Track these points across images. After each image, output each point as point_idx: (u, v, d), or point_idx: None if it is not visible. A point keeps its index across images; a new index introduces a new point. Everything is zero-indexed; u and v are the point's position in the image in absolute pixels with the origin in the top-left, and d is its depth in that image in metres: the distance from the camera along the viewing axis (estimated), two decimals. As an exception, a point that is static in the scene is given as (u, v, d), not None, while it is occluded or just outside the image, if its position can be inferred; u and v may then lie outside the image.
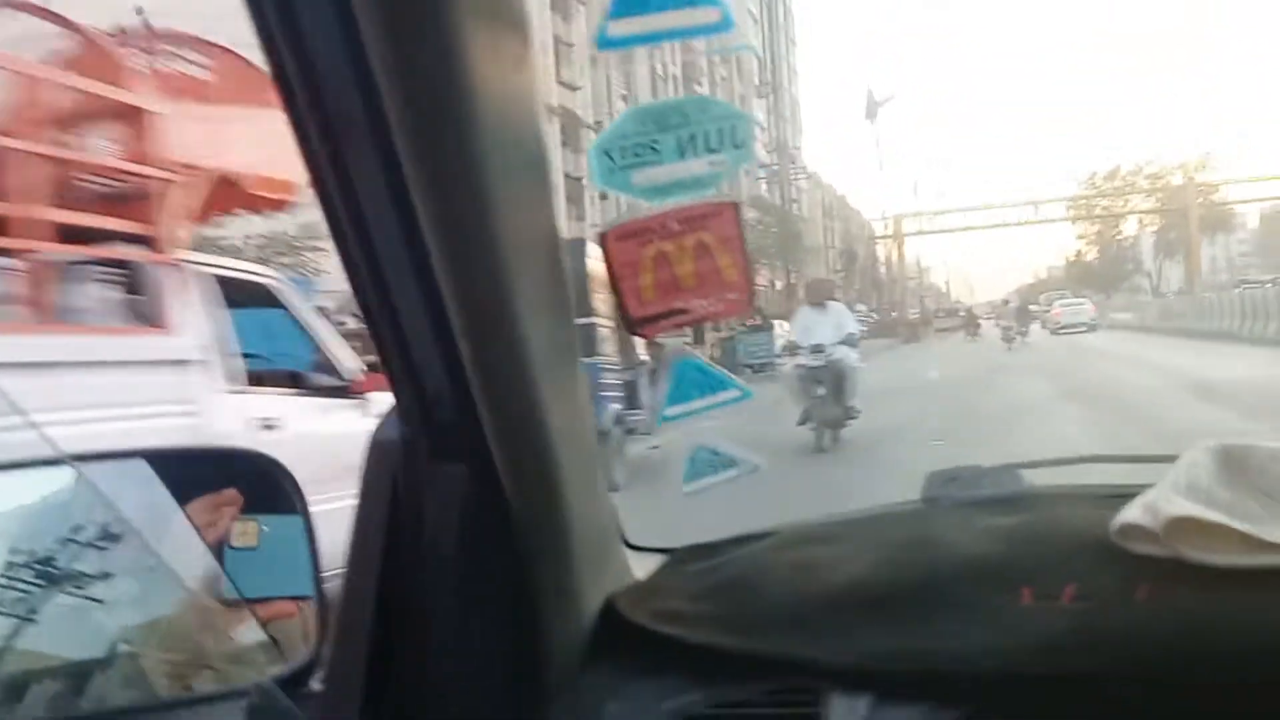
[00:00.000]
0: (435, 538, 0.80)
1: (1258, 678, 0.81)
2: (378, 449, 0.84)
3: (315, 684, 0.91)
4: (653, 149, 0.78)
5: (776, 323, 24.66)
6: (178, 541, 1.00)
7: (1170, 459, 1.00)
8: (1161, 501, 0.92)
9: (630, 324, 0.84)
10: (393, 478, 0.83)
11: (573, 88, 31.65)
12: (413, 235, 0.69)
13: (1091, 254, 67.51)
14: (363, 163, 0.69)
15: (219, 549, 1.01)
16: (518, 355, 0.74)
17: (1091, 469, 1.23)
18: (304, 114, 0.68)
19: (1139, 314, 39.21)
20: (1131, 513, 0.95)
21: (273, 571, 1.02)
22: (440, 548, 0.79)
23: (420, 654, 0.81)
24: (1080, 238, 66.86)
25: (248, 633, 1.00)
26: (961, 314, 47.29)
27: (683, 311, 0.83)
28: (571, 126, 29.73)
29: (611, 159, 0.78)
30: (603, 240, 0.80)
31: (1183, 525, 0.90)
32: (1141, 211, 60.68)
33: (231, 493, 0.99)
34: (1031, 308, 41.26)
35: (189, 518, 1.00)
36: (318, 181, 0.71)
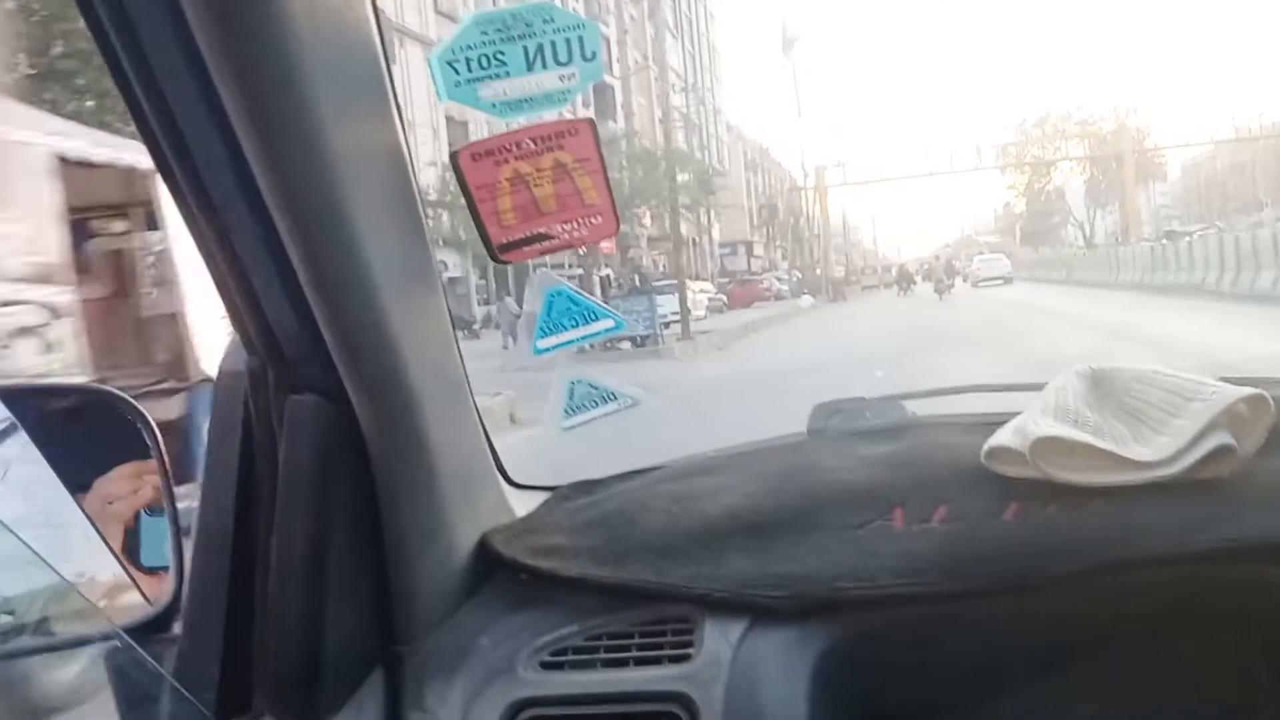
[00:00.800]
0: (289, 473, 0.77)
1: (1115, 589, 0.83)
2: (225, 381, 0.80)
3: (176, 628, 0.88)
4: (499, 60, 0.74)
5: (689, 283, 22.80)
6: (34, 479, 0.96)
7: (1043, 387, 1.02)
8: (1029, 424, 0.94)
9: (493, 251, 0.81)
10: (244, 410, 0.79)
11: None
12: (238, 160, 0.64)
13: (1020, 205, 66.19)
14: (180, 91, 0.64)
15: (135, 516, 0.97)
16: (361, 278, 0.71)
17: (973, 400, 1.25)
18: (121, 54, 0.64)
19: (1067, 268, 38.63)
20: (1001, 436, 0.97)
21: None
22: (295, 483, 0.77)
23: (280, 594, 0.78)
24: (1010, 188, 65.22)
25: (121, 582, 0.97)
26: (892, 271, 47.69)
27: (546, 237, 0.80)
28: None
29: (455, 70, 0.74)
30: (455, 159, 0.77)
31: (1049, 446, 0.92)
32: (1074, 159, 58.76)
33: (154, 463, 0.95)
34: (954, 263, 41.94)
35: (109, 485, 0.96)
36: (139, 118, 0.67)
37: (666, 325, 18.11)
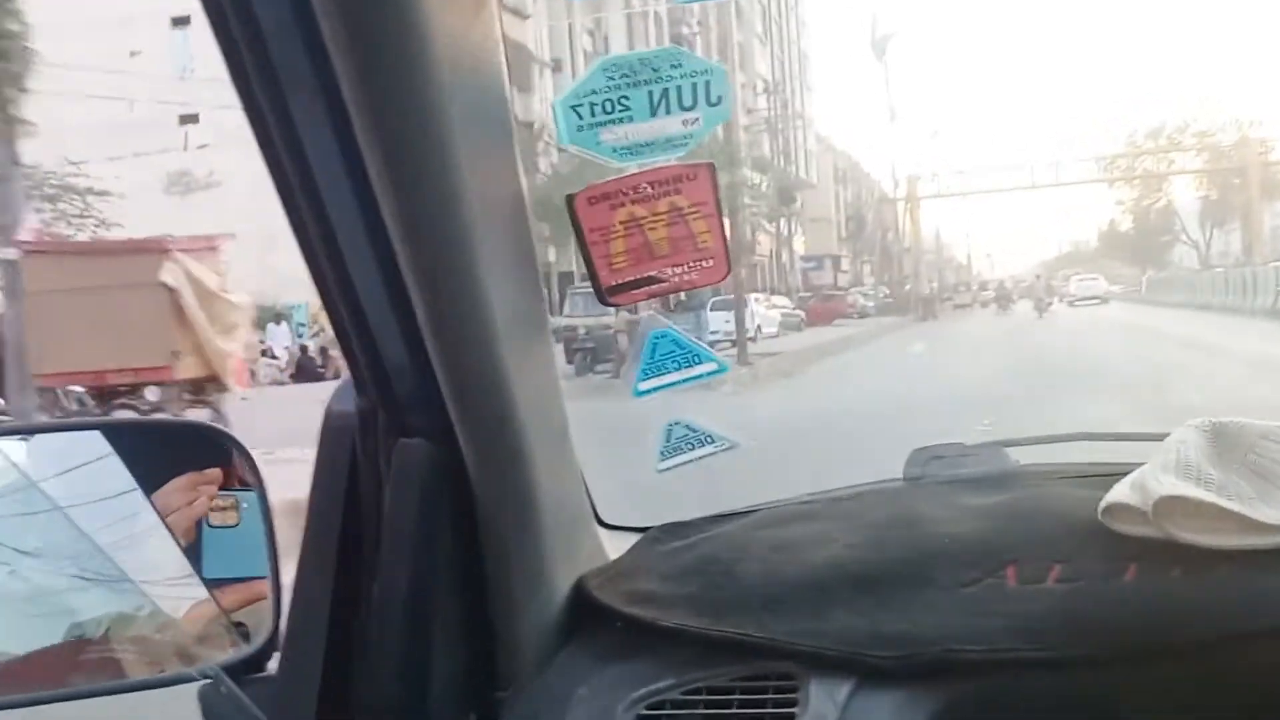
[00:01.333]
0: (395, 516, 0.76)
1: (1244, 660, 0.79)
2: (333, 420, 0.80)
3: (272, 668, 0.88)
4: (623, 105, 0.73)
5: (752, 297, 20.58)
6: (133, 517, 0.97)
7: (1159, 437, 0.97)
8: (1150, 481, 0.90)
9: (602, 293, 0.80)
10: (350, 452, 0.79)
11: (521, 16, 27.35)
12: (366, 199, 0.65)
13: (1127, 222, 60.69)
14: (313, 126, 0.65)
15: (197, 528, 0.98)
16: (480, 322, 0.71)
17: (1079, 448, 1.21)
18: (255, 83, 0.64)
19: (1189, 290, 35.82)
20: (1119, 492, 0.93)
21: (251, 550, 0.99)
22: (400, 526, 0.76)
23: (381, 637, 0.77)
24: (1118, 204, 57.94)
25: (215, 616, 0.98)
26: (988, 288, 46.46)
27: (656, 280, 0.79)
28: (520, 62, 25.78)
29: (579, 115, 0.73)
30: (571, 202, 0.76)
31: (1172, 505, 0.88)
32: (1191, 171, 52.26)
33: (214, 472, 0.96)
34: (1052, 283, 40.94)
35: (166, 497, 0.97)
36: (268, 148, 0.67)
37: (713, 345, 16.58)
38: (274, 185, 0.69)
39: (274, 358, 19.27)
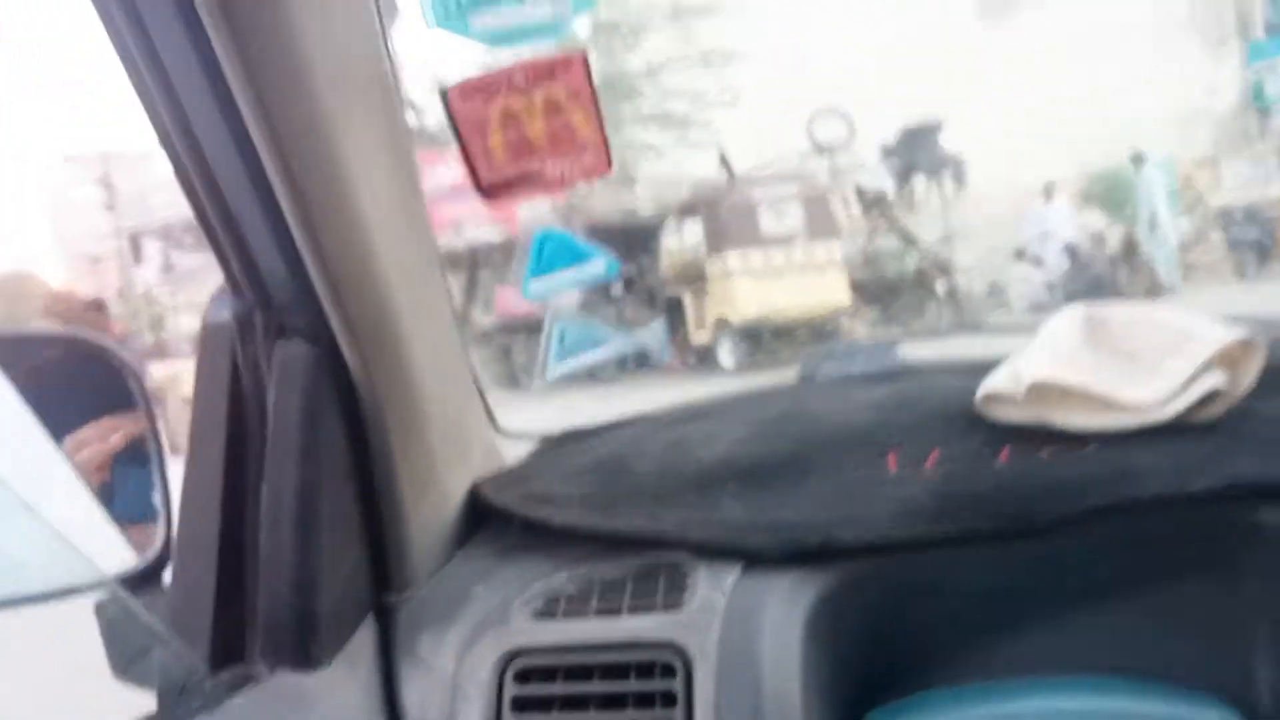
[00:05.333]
0: (279, 420, 0.75)
1: (1108, 532, 0.83)
2: (211, 330, 0.79)
3: (166, 579, 0.87)
4: None
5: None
6: (16, 429, 0.94)
7: (1036, 329, 1.01)
8: (1024, 367, 0.93)
9: (483, 191, 0.79)
10: (231, 358, 0.78)
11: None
12: (223, 91, 0.62)
13: None
14: (164, 26, 0.62)
15: (110, 465, 0.95)
16: (353, 219, 0.69)
17: (967, 346, 1.25)
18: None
19: None
20: (996, 380, 0.96)
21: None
22: (285, 430, 0.75)
23: (271, 543, 0.77)
24: None
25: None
26: None
27: (536, 175, 0.79)
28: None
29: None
30: (444, 96, 0.75)
31: (1044, 390, 0.92)
32: None
33: (131, 416, 0.94)
34: None
35: (81, 439, 0.94)
36: (122, 51, 0.64)
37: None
38: (133, 91, 0.67)
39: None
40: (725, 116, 17.30)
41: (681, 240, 14.14)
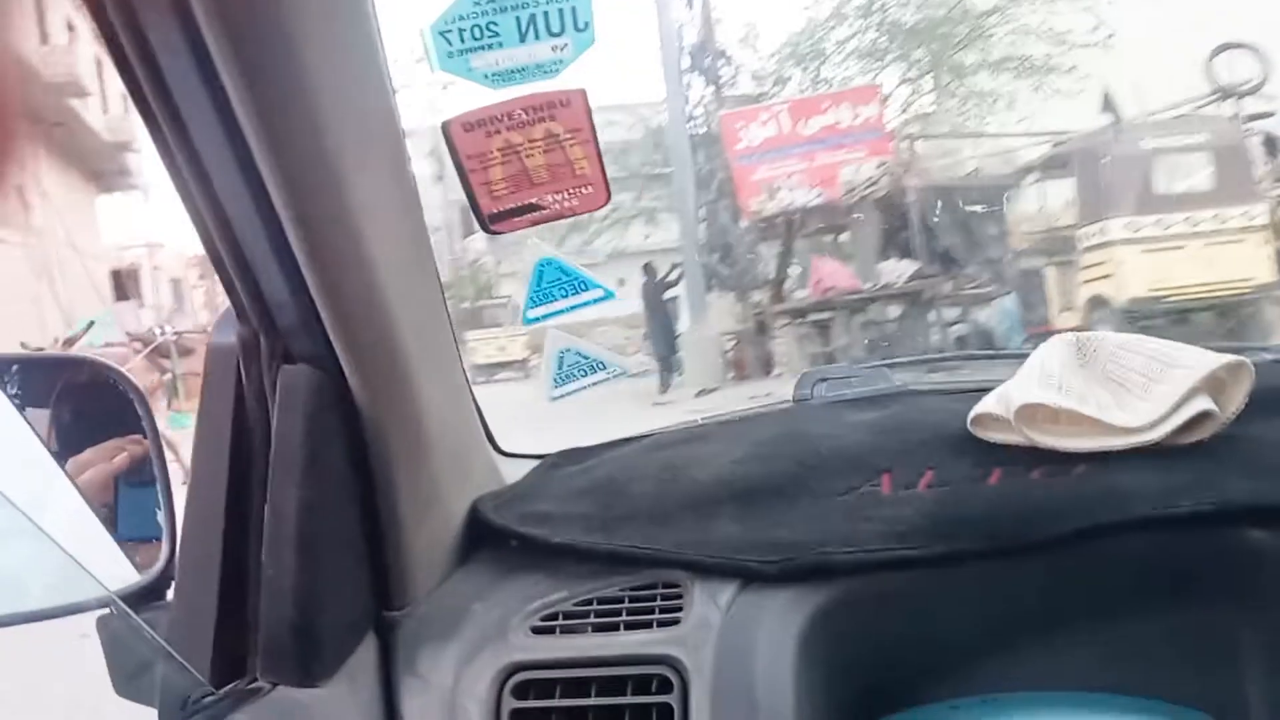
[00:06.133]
0: (282, 442, 0.77)
1: (1096, 552, 0.85)
2: (217, 353, 0.80)
3: (169, 596, 0.89)
4: (491, 30, 0.74)
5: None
6: (22, 452, 0.95)
7: (1027, 355, 1.03)
8: (1013, 391, 0.95)
9: (483, 221, 0.81)
10: (235, 382, 0.79)
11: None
12: (229, 119, 0.64)
13: None
14: (173, 57, 0.64)
15: (114, 485, 0.97)
16: (356, 245, 0.71)
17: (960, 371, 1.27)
18: (116, 23, 0.63)
19: None
20: (986, 403, 0.98)
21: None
22: (288, 452, 0.77)
23: (274, 561, 0.79)
24: None
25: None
26: None
27: (536, 207, 0.81)
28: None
29: (448, 41, 0.74)
30: (446, 129, 0.76)
31: (1033, 412, 0.94)
32: None
33: (135, 438, 0.95)
34: None
35: (83, 457, 0.96)
36: (130, 81, 0.66)
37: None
38: (141, 119, 0.68)
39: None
40: (1095, 59, 14.53)
41: (1044, 202, 12.03)
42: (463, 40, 0.74)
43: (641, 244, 20.61)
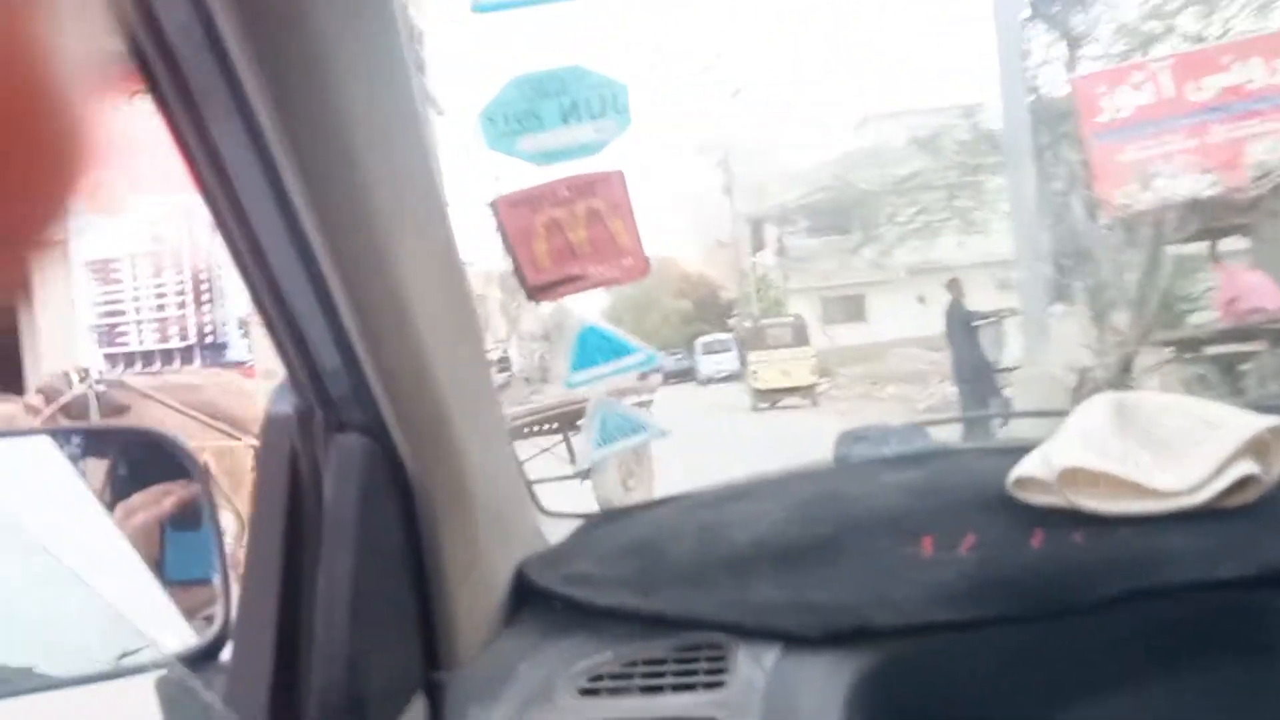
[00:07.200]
0: (335, 509, 0.79)
1: (1140, 616, 0.84)
2: (273, 423, 0.83)
3: (225, 658, 0.91)
4: (535, 116, 0.78)
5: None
6: (84, 518, 0.99)
7: (1067, 414, 1.03)
8: (1055, 453, 0.95)
9: (528, 290, 0.84)
10: (290, 451, 0.82)
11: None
12: (284, 204, 0.67)
13: None
14: (230, 140, 0.67)
15: (160, 531, 1.00)
16: (406, 320, 0.74)
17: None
18: (175, 108, 0.67)
19: None
20: (1027, 464, 0.98)
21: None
22: (340, 519, 0.79)
23: (326, 625, 0.81)
24: None
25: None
26: None
27: (579, 278, 0.83)
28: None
29: (494, 124, 0.77)
30: (493, 207, 0.79)
31: (1075, 475, 0.94)
32: None
33: (182, 483, 0.98)
34: None
35: (131, 504, 0.99)
36: (190, 163, 0.69)
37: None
38: (201, 199, 0.72)
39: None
40: None
41: None
42: (507, 124, 0.78)
43: (953, 255, 17.40)
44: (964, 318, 11.16)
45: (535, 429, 6.08)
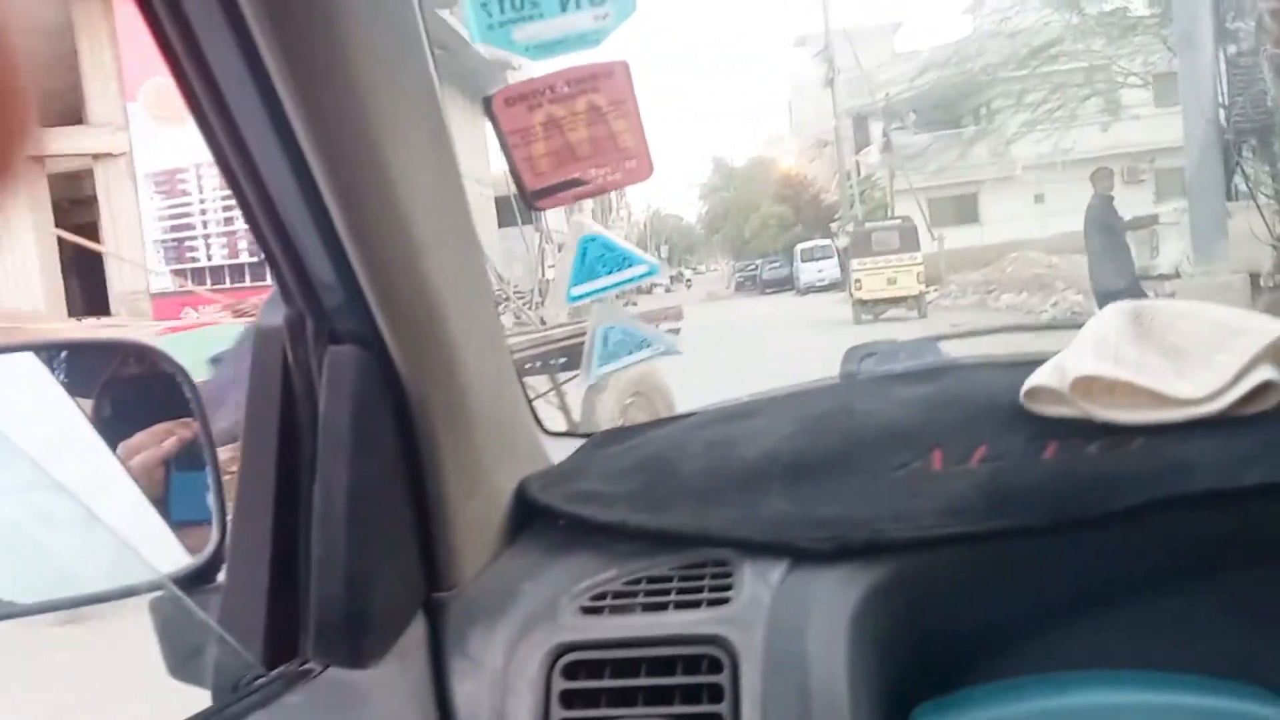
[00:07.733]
0: (329, 423, 0.77)
1: (1154, 526, 0.83)
2: (264, 335, 0.80)
3: (220, 579, 0.89)
4: (532, 2, 0.73)
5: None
6: (75, 437, 0.96)
7: (1081, 324, 1.00)
8: (1069, 362, 0.93)
9: (526, 197, 0.80)
10: (282, 363, 0.80)
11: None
12: (273, 103, 0.64)
13: None
14: (218, 45, 0.64)
15: (165, 471, 0.98)
16: (400, 226, 0.71)
17: (1009, 340, 1.24)
18: (162, 14, 0.63)
19: None
20: (1040, 375, 0.96)
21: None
22: (336, 433, 0.77)
23: (323, 543, 0.79)
24: None
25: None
26: None
27: (580, 182, 0.80)
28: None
29: (488, 12, 0.73)
30: (488, 105, 0.75)
31: (1089, 384, 0.91)
32: None
33: (183, 422, 0.96)
34: None
35: (133, 442, 0.97)
36: (176, 68, 0.66)
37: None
38: (186, 106, 0.68)
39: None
40: None
41: None
42: (503, 11, 0.73)
43: (1082, 145, 15.34)
44: (1107, 217, 9.36)
45: (540, 363, 5.84)
